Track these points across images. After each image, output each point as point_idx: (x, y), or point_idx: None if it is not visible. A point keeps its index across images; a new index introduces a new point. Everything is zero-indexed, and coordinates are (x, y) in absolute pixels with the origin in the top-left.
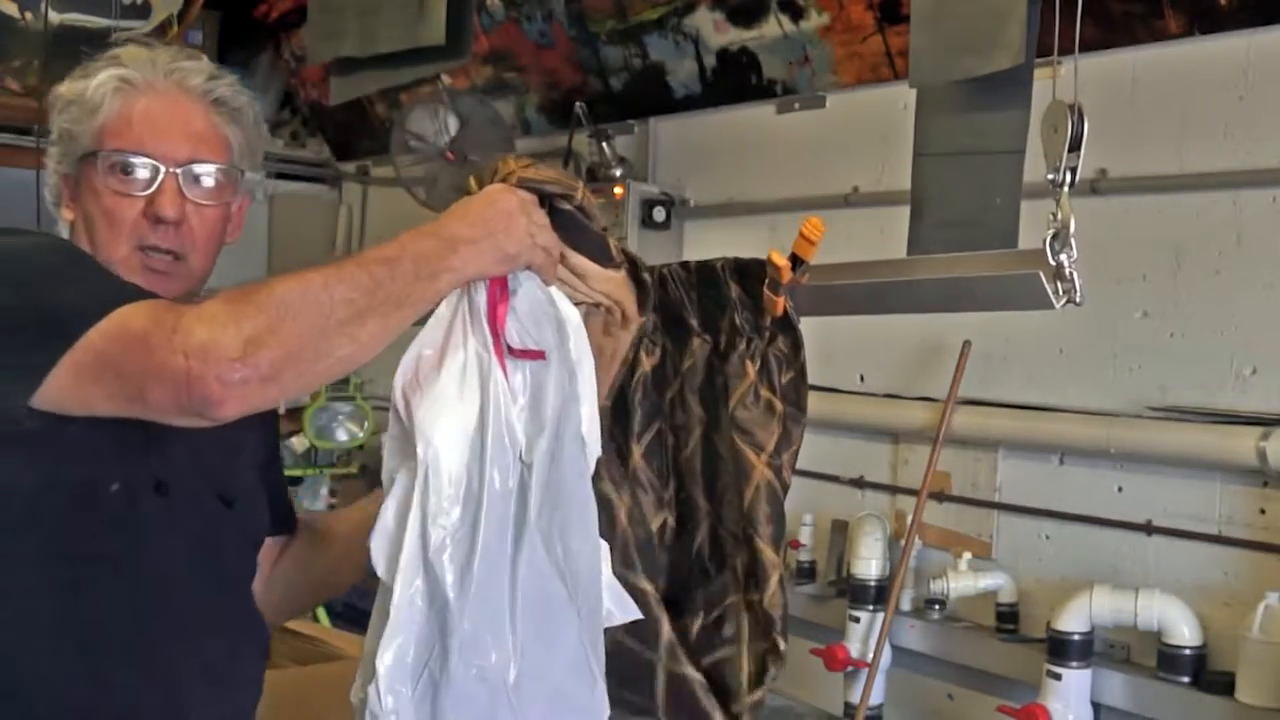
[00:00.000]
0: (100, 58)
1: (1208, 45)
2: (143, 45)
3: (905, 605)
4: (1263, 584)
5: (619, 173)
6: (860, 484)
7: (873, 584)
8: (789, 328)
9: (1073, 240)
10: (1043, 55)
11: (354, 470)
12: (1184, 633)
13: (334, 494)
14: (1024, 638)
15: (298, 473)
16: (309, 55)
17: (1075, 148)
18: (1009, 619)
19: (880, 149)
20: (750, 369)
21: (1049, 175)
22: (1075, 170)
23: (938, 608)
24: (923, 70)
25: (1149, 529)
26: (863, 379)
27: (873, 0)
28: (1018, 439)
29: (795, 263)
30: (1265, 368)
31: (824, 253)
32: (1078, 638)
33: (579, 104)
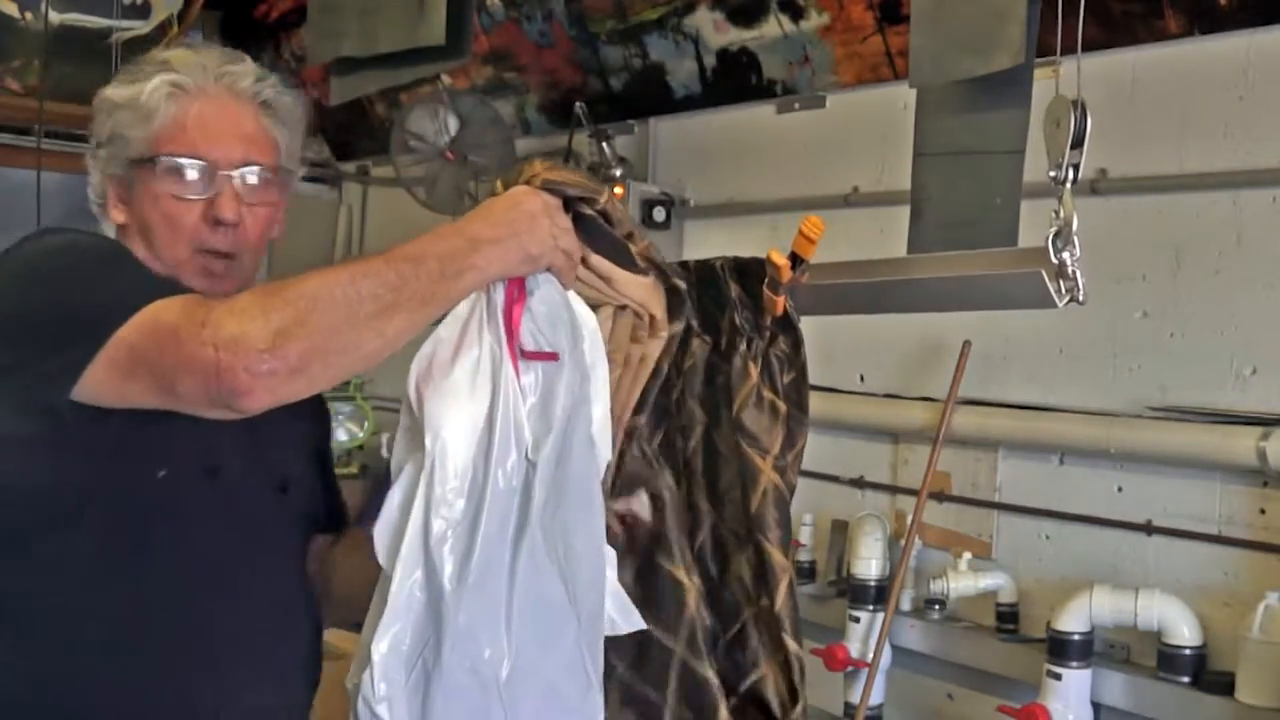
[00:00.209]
0: (148, 62)
1: (1208, 45)
2: (189, 48)
3: (905, 605)
4: (1263, 584)
5: (619, 173)
6: (860, 484)
7: (873, 584)
8: (789, 327)
9: (1075, 238)
10: (1043, 55)
11: (354, 470)
12: (1184, 633)
13: None
14: (1024, 638)
15: None
16: (309, 55)
17: (1078, 144)
18: (1009, 619)
19: (880, 149)
20: (752, 370)
21: (1051, 172)
22: (1078, 167)
23: (938, 608)
24: (923, 70)
25: (1149, 529)
26: (863, 379)
27: (873, 0)
28: (1018, 439)
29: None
30: (1265, 368)
31: (824, 253)
32: (1078, 638)
33: (579, 104)
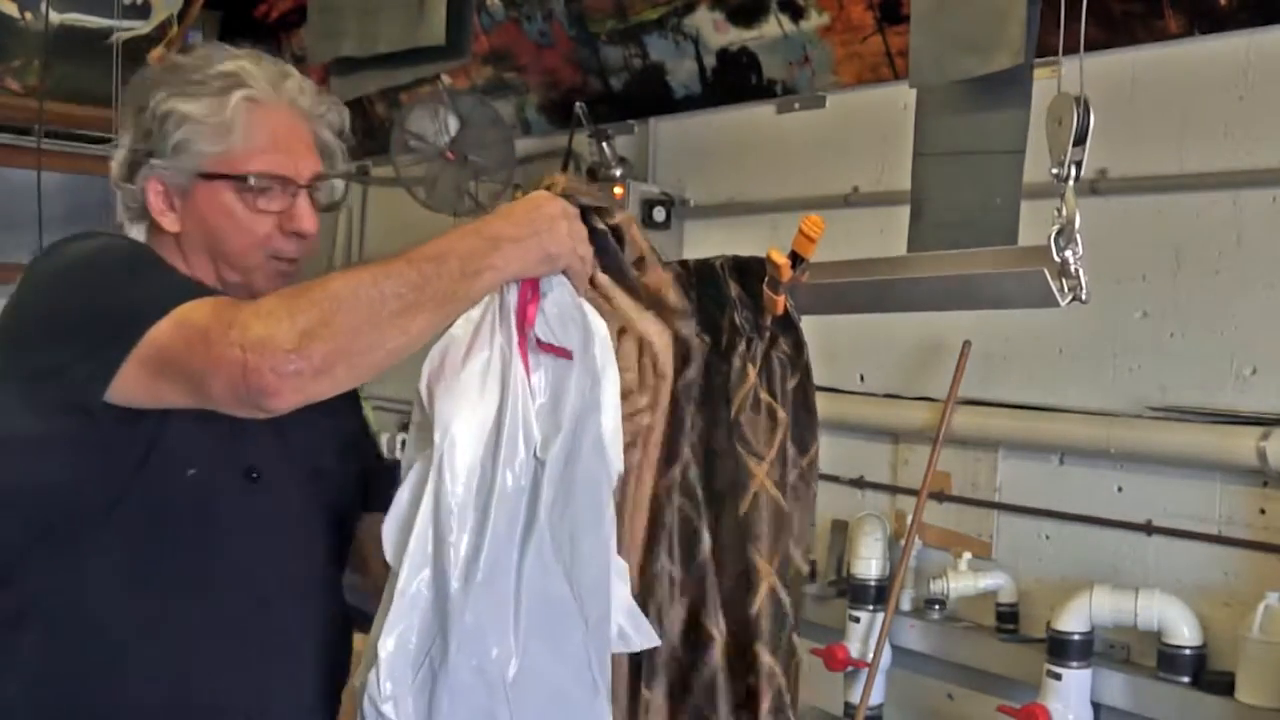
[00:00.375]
0: (213, 74)
1: (1208, 45)
2: (246, 59)
3: (905, 605)
4: (1263, 584)
5: (619, 173)
6: (860, 484)
7: (873, 584)
8: (790, 327)
9: (1078, 236)
10: (1043, 55)
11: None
12: (1184, 633)
13: None
14: (1024, 638)
15: None
16: (309, 55)
17: (1080, 141)
18: (1009, 619)
19: (880, 149)
20: (751, 372)
21: (1053, 169)
22: (1080, 164)
23: (938, 608)
24: (923, 70)
25: (1149, 529)
26: (863, 379)
27: (873, 0)
28: (1018, 439)
29: (795, 260)
30: (1265, 368)
31: (824, 253)
32: (1078, 638)
33: (579, 104)
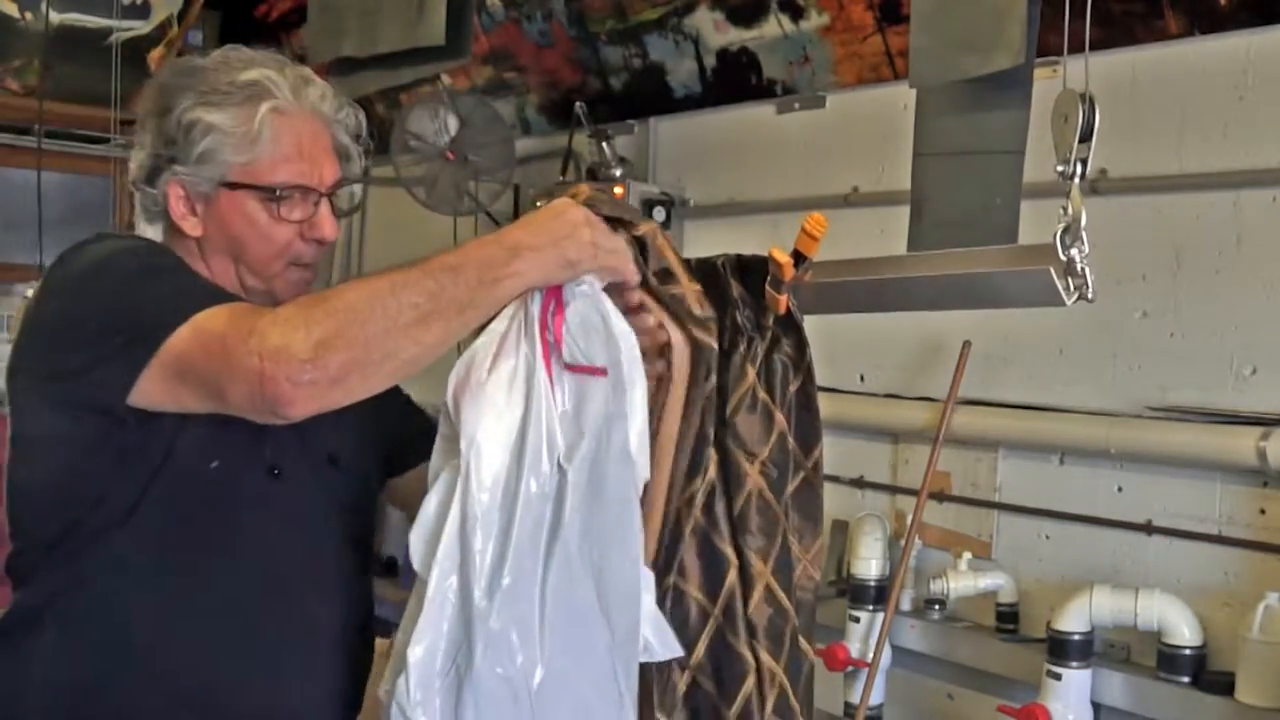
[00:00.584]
0: (239, 82)
1: (1208, 45)
2: (271, 65)
3: (905, 605)
4: (1263, 584)
5: (619, 173)
6: (860, 484)
7: (873, 584)
8: (792, 326)
9: (1084, 234)
10: (1043, 55)
11: None
12: (1184, 633)
13: None
14: (1024, 638)
15: None
16: (309, 55)
17: (1086, 138)
18: (1009, 619)
19: (880, 149)
20: (750, 372)
21: (1059, 167)
22: (1086, 162)
23: (938, 608)
24: (923, 70)
25: (1149, 529)
26: (863, 379)
27: (873, 0)
28: (1018, 439)
29: (798, 260)
30: (1265, 368)
31: (823, 253)
32: (1078, 638)
33: (579, 104)
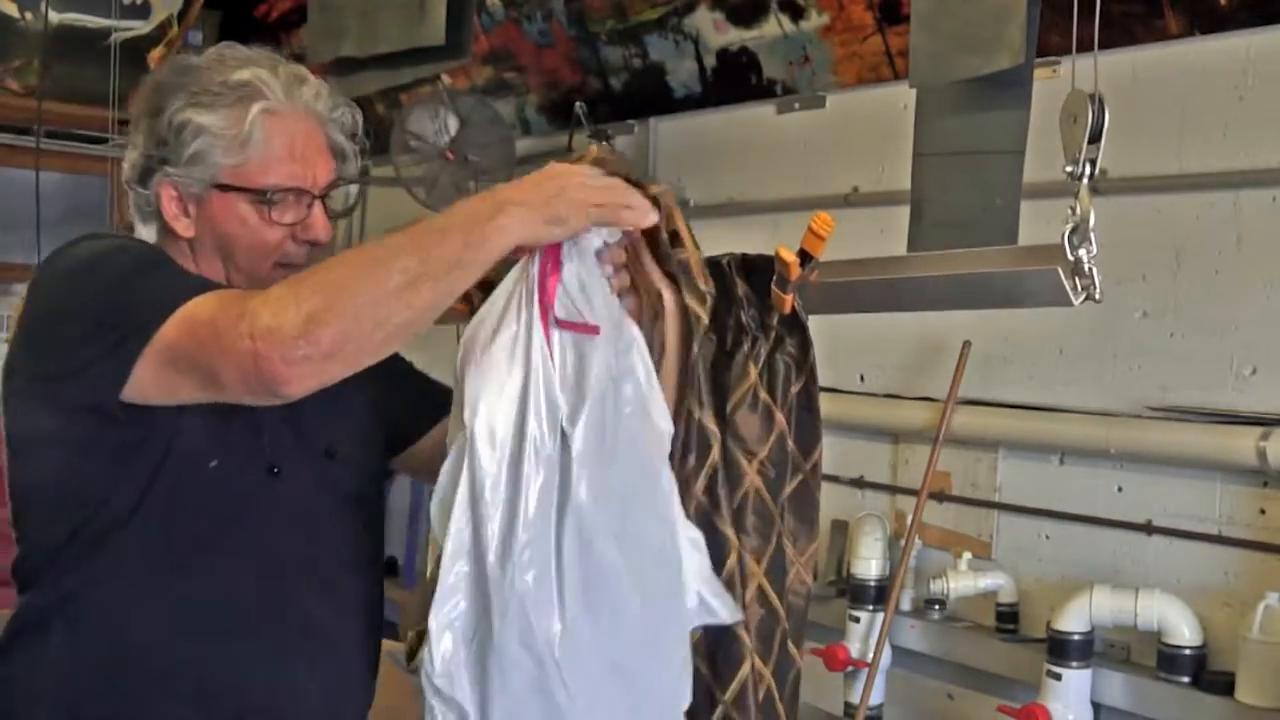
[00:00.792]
0: (230, 83)
1: (1208, 45)
2: (265, 64)
3: (905, 605)
4: (1263, 584)
5: None
6: (860, 484)
7: (873, 584)
8: (797, 326)
9: (1092, 235)
10: (1043, 55)
11: None
12: (1184, 633)
13: None
14: (1024, 638)
15: None
16: (309, 55)
17: (1095, 139)
18: (1009, 619)
19: (880, 149)
20: (751, 371)
21: (1067, 168)
22: (1095, 162)
23: (938, 608)
24: (923, 70)
25: (1149, 529)
26: (863, 379)
27: (873, 0)
28: (1018, 439)
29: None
30: (1265, 368)
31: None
32: (1078, 638)
33: (579, 104)
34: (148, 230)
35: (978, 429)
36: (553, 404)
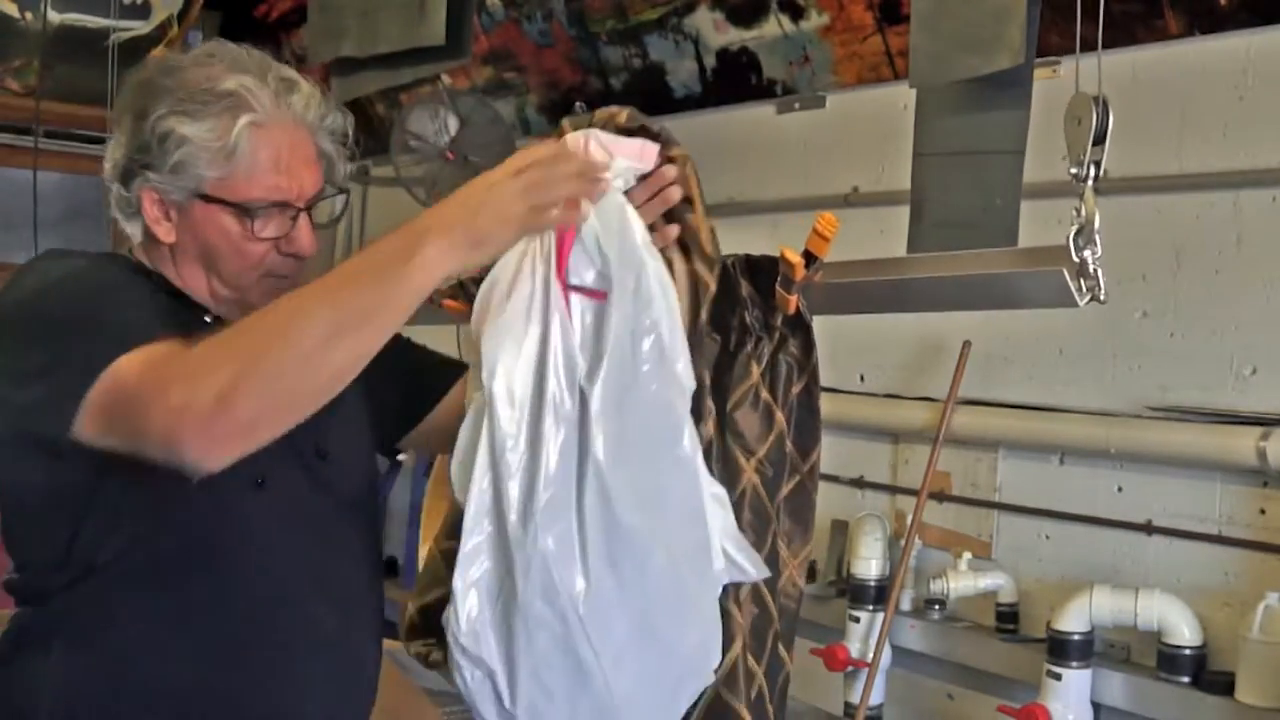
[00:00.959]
0: (216, 92)
1: (1208, 45)
2: (252, 72)
3: (905, 605)
4: (1263, 584)
5: None
6: (860, 484)
7: (873, 584)
8: (800, 327)
9: (1097, 236)
10: (1043, 55)
11: None
12: (1184, 633)
13: None
14: (1024, 638)
15: None
16: (309, 55)
17: (1100, 140)
18: (1009, 619)
19: (880, 149)
20: (754, 370)
21: (1072, 170)
22: (1100, 164)
23: (938, 608)
24: (923, 70)
25: (1149, 529)
26: (863, 379)
27: (873, 0)
28: (1018, 439)
29: (809, 260)
30: (1265, 368)
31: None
32: (1078, 638)
33: (579, 104)
34: (132, 228)
35: (978, 429)
36: (571, 362)
